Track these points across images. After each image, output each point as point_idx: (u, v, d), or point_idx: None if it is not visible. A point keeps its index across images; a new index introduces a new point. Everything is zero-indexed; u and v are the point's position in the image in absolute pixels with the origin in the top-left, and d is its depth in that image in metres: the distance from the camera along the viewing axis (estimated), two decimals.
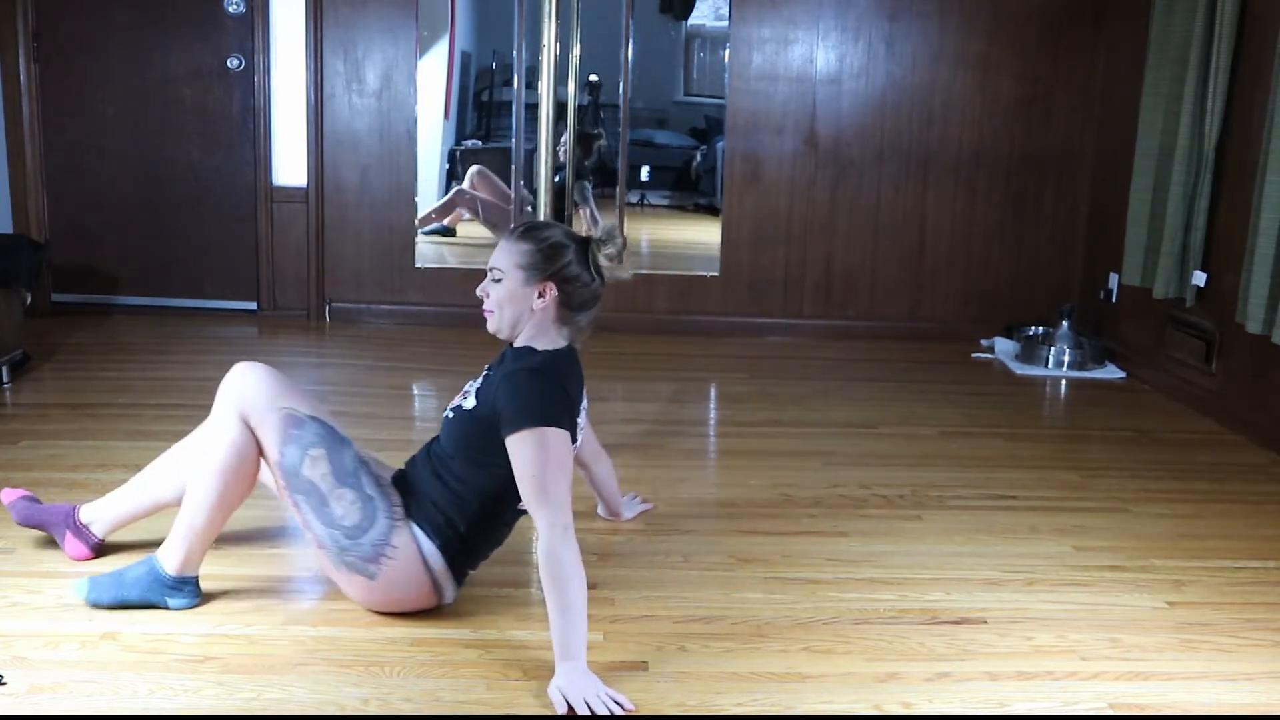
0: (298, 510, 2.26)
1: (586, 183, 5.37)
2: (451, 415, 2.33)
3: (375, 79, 5.16)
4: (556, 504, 2.10)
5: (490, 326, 2.32)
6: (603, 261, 2.32)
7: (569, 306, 2.31)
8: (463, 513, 2.27)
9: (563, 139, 5.21)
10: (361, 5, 5.10)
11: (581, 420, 2.40)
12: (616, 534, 2.85)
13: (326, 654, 2.17)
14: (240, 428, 2.25)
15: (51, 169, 5.17)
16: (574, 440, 2.26)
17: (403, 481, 2.36)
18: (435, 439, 2.39)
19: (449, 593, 2.33)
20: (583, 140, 5.30)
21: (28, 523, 2.56)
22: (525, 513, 2.35)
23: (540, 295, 2.28)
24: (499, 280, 2.28)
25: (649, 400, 4.24)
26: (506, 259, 2.28)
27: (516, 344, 2.33)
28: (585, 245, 2.32)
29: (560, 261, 2.28)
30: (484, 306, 2.32)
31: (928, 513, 3.08)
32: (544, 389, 2.21)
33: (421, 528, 2.27)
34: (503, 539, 2.40)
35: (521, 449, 2.15)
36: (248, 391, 2.27)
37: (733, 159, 5.26)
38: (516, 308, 2.29)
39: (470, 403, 2.29)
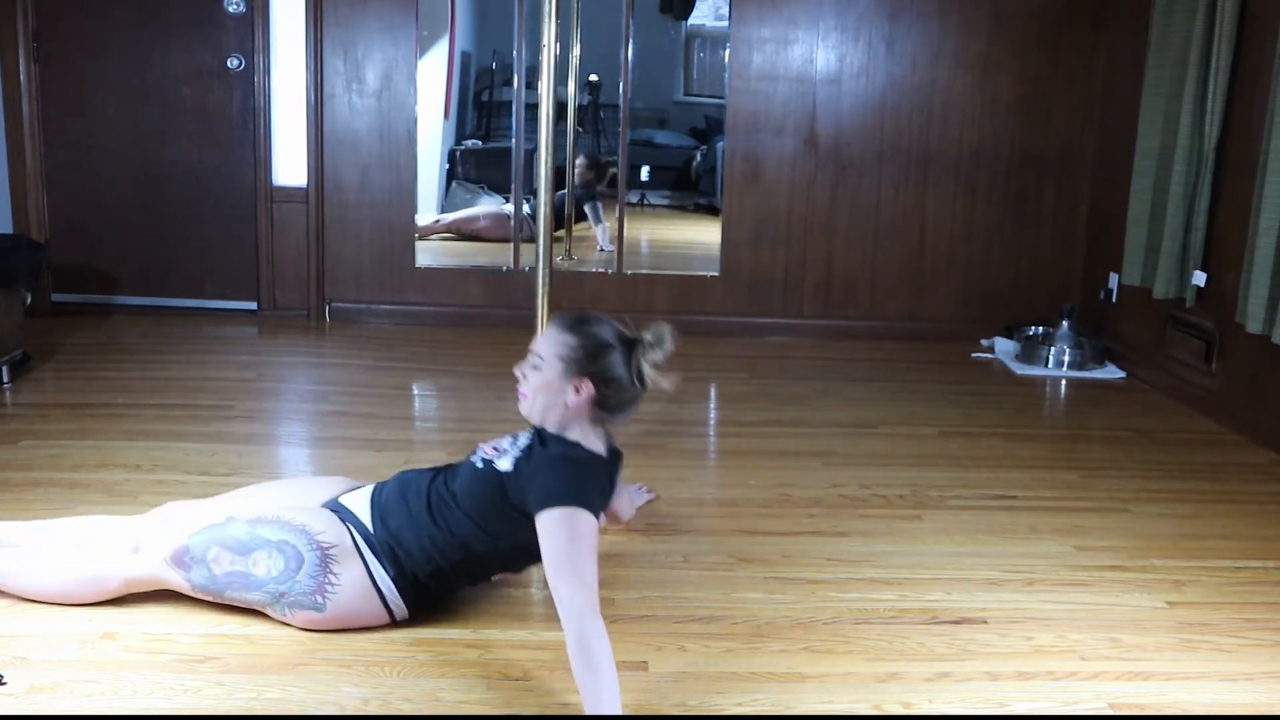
0: (236, 599, 2.24)
1: (598, 201, 5.37)
2: (480, 466, 2.25)
3: (375, 79, 5.16)
4: (588, 584, 2.02)
5: (522, 409, 2.28)
6: (646, 369, 2.27)
7: (603, 407, 2.27)
8: (429, 561, 2.22)
9: (578, 161, 5.25)
10: (361, 5, 5.10)
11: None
12: (617, 534, 2.85)
13: (326, 654, 2.17)
14: (121, 585, 2.28)
15: (51, 169, 5.17)
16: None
17: (377, 499, 2.29)
18: (446, 472, 2.32)
19: (401, 614, 2.27)
20: (597, 167, 5.32)
21: None
22: (489, 581, 2.33)
23: (576, 391, 2.23)
24: (537, 367, 2.25)
25: (649, 400, 4.21)
26: (549, 348, 2.25)
27: (550, 429, 2.27)
28: (631, 348, 2.28)
29: (602, 361, 2.24)
30: (519, 388, 2.28)
31: (928, 513, 3.08)
32: (587, 477, 2.18)
33: (376, 556, 2.22)
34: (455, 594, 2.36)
35: (557, 527, 2.08)
36: (136, 569, 2.26)
37: (733, 159, 5.26)
38: (550, 397, 2.24)
39: (505, 465, 2.22)
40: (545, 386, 2.24)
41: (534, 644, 2.23)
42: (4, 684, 2.01)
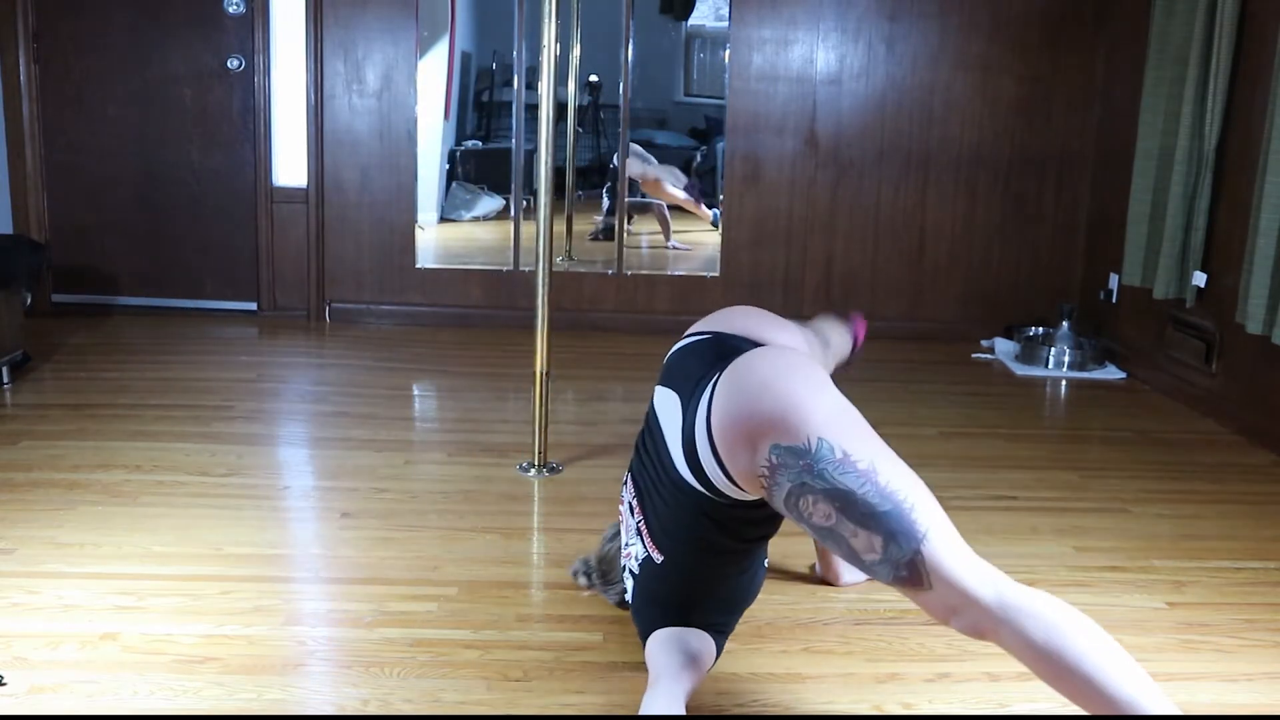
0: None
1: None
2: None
3: (375, 79, 5.16)
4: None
5: None
6: None
7: None
8: None
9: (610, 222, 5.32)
10: (361, 5, 5.10)
11: None
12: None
13: (326, 654, 2.17)
14: None
15: (51, 169, 5.17)
16: None
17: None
18: None
19: None
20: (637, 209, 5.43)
21: None
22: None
23: None
24: None
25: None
26: None
27: None
28: None
29: None
30: None
31: None
32: None
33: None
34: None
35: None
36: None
37: (733, 159, 5.26)
38: None
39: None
40: None
41: (534, 645, 2.23)
42: (4, 684, 2.01)
